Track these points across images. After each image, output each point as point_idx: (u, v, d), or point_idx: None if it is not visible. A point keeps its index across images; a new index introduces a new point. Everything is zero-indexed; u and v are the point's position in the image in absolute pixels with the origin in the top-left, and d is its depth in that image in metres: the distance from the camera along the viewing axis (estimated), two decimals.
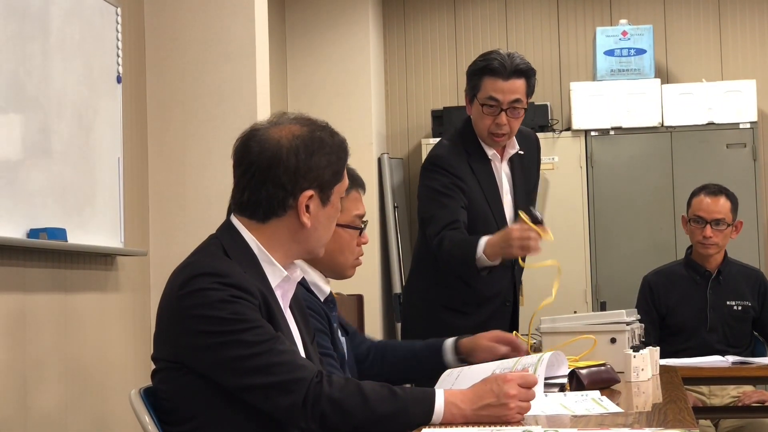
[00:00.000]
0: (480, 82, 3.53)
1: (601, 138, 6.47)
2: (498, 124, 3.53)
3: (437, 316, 3.65)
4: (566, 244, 6.39)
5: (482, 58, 3.56)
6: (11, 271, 3.66)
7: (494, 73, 3.50)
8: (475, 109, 3.57)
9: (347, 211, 2.66)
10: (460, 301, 3.64)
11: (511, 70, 3.49)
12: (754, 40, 6.82)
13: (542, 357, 2.46)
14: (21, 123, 3.70)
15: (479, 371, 2.52)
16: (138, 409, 2.18)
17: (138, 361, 4.46)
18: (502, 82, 3.50)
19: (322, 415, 2.04)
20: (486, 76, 3.51)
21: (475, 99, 3.55)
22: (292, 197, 2.18)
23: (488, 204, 3.60)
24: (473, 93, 3.56)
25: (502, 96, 3.50)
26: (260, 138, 2.19)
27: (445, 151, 3.62)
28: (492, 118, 3.52)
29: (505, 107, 3.51)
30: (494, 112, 3.51)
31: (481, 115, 3.55)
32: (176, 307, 2.11)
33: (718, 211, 4.28)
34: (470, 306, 3.64)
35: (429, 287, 3.68)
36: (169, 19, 4.76)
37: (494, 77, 3.50)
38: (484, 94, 3.52)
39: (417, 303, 3.74)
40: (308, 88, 6.76)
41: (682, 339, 4.32)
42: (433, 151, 3.67)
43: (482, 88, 3.52)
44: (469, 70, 3.60)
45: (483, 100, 3.52)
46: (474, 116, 3.60)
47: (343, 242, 2.67)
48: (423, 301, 3.70)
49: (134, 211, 4.57)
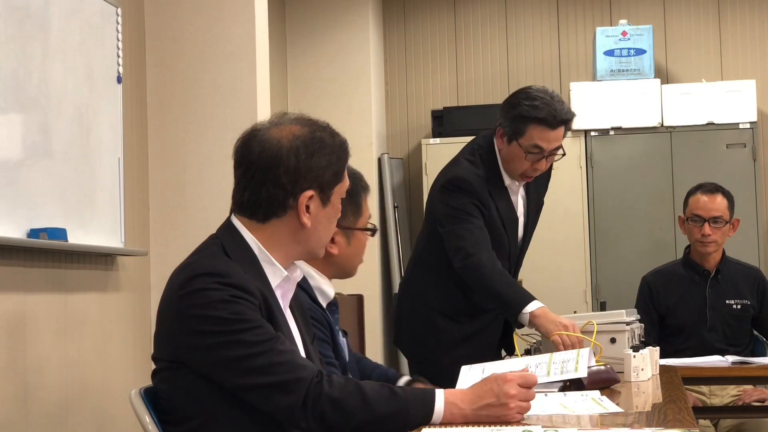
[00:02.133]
0: (525, 128, 3.45)
1: (601, 138, 6.47)
2: (536, 168, 3.53)
3: (432, 320, 3.66)
4: (566, 244, 6.40)
5: (528, 104, 3.46)
6: (11, 271, 3.66)
7: (543, 123, 3.44)
8: (513, 149, 3.50)
9: (365, 214, 2.71)
10: (456, 310, 3.65)
11: (559, 120, 3.46)
12: (754, 40, 6.82)
13: (581, 351, 2.56)
14: (21, 123, 3.70)
15: (509, 366, 2.54)
16: (138, 409, 2.18)
17: (138, 361, 4.47)
18: (551, 132, 3.46)
19: (322, 415, 2.04)
20: (533, 124, 3.45)
21: (515, 142, 3.48)
22: (292, 197, 2.18)
23: (505, 231, 3.59)
24: (515, 136, 3.48)
25: (548, 144, 3.48)
26: (261, 138, 2.19)
27: (467, 173, 3.55)
28: (532, 162, 3.50)
29: (547, 154, 3.51)
30: (536, 158, 3.49)
31: (521, 159, 3.50)
32: (176, 307, 2.11)
33: (716, 208, 4.28)
34: (464, 316, 3.66)
35: (427, 291, 3.69)
36: (169, 19, 4.76)
37: (543, 127, 3.44)
38: (529, 141, 3.46)
39: (413, 305, 3.74)
40: (308, 88, 6.76)
41: (682, 339, 4.32)
42: (455, 172, 3.59)
43: (527, 134, 3.45)
44: (513, 112, 3.49)
45: (528, 148, 3.47)
46: (509, 154, 3.53)
47: (360, 245, 2.73)
48: (419, 304, 3.71)
49: (134, 211, 4.57)
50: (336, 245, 2.64)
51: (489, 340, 3.70)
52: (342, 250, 2.67)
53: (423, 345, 3.70)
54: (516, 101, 3.51)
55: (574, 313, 3.41)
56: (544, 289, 6.42)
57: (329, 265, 2.66)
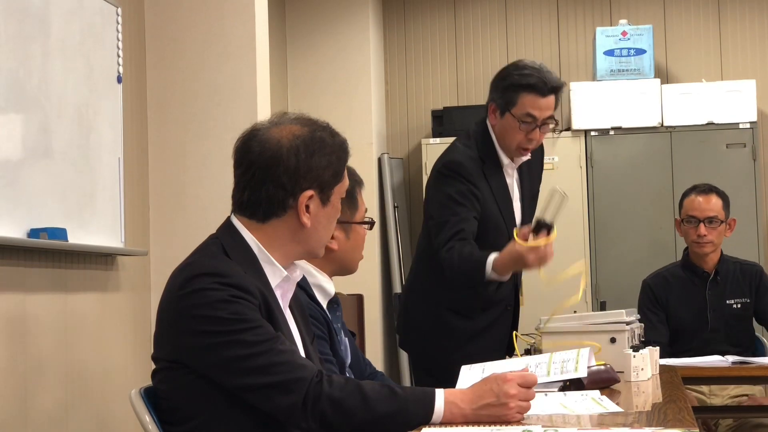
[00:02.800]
0: (516, 98, 3.47)
1: (601, 138, 6.47)
2: (530, 138, 3.53)
3: (441, 318, 3.63)
4: (566, 244, 6.39)
5: (518, 73, 3.50)
6: (11, 271, 3.66)
7: (534, 90, 3.46)
8: (506, 122, 3.52)
9: (361, 208, 2.71)
10: (466, 305, 3.62)
11: (549, 88, 3.48)
12: (754, 40, 6.83)
13: (581, 351, 2.55)
14: (21, 123, 3.70)
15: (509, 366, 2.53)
16: (138, 409, 2.18)
17: (138, 361, 4.46)
18: (542, 99, 3.47)
19: (322, 415, 2.04)
20: (524, 92, 3.47)
21: (507, 113, 3.51)
22: (292, 197, 2.18)
23: (500, 211, 3.58)
24: (507, 107, 3.50)
25: (540, 113, 3.48)
26: (261, 138, 2.20)
27: (461, 157, 3.56)
28: (525, 133, 3.51)
29: (540, 123, 3.51)
30: (530, 127, 3.50)
31: (515, 130, 3.51)
32: (176, 307, 2.11)
33: (711, 209, 4.29)
34: (475, 311, 3.63)
35: (433, 288, 3.64)
36: (169, 19, 4.76)
37: (534, 94, 3.47)
38: (522, 110, 3.48)
39: (419, 304, 3.70)
40: (308, 88, 6.76)
41: (684, 341, 4.32)
42: (449, 156, 3.60)
43: (519, 103, 3.47)
44: (504, 83, 3.52)
45: (521, 117, 3.48)
46: (503, 128, 3.55)
47: (359, 239, 2.73)
48: (426, 302, 3.67)
49: (134, 211, 4.57)
50: (335, 240, 2.64)
51: (500, 335, 3.67)
52: (341, 244, 2.67)
53: (433, 343, 3.65)
54: (506, 73, 3.54)
55: (574, 313, 3.41)
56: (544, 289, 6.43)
57: (329, 261, 2.66)
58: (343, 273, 2.75)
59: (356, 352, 2.87)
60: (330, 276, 2.73)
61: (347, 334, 2.83)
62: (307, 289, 2.60)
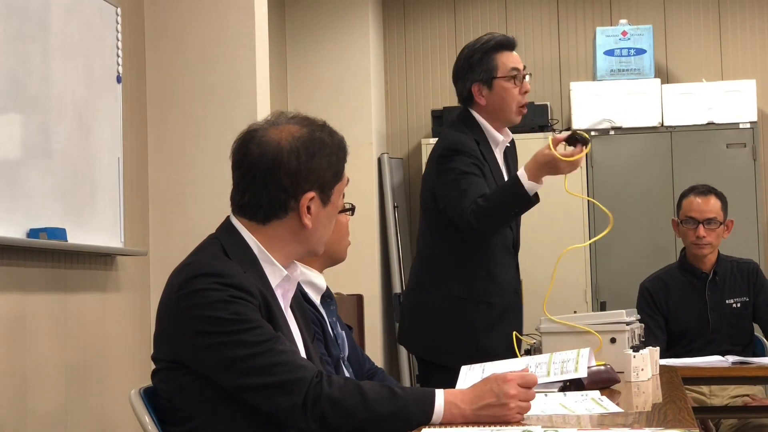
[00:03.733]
0: (494, 61, 3.60)
1: (601, 138, 6.47)
2: (525, 91, 3.63)
3: (456, 308, 3.57)
4: (566, 244, 6.37)
5: (479, 45, 3.64)
6: (11, 271, 3.66)
7: (503, 46, 3.62)
8: (498, 88, 3.61)
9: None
10: (483, 291, 3.58)
11: (511, 41, 3.66)
12: (754, 40, 6.82)
13: (581, 351, 2.55)
14: (21, 123, 3.70)
15: (509, 366, 2.53)
16: (138, 409, 2.18)
17: (138, 361, 4.46)
18: (513, 53, 3.64)
19: (322, 415, 2.04)
20: (497, 52, 3.61)
21: (495, 80, 3.60)
22: (293, 199, 2.18)
23: None
24: (491, 75, 3.60)
25: (519, 64, 3.62)
26: (260, 140, 2.18)
27: (460, 137, 3.61)
28: (518, 87, 3.61)
29: (523, 75, 3.63)
30: (520, 80, 3.61)
31: (510, 90, 3.61)
32: (176, 308, 2.11)
33: (709, 210, 4.29)
34: (491, 294, 3.59)
35: (445, 281, 3.59)
36: (169, 19, 4.76)
37: (505, 50, 3.62)
38: (505, 68, 3.60)
39: (427, 300, 3.63)
40: (308, 88, 6.76)
41: (686, 342, 4.32)
42: (449, 138, 3.64)
43: (500, 64, 3.60)
44: (475, 58, 3.64)
45: (507, 73, 3.60)
46: (497, 97, 3.62)
47: (342, 227, 2.72)
48: (437, 297, 3.60)
49: (134, 211, 4.57)
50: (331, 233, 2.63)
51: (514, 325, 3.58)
52: None
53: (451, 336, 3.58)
54: (468, 54, 3.69)
55: (574, 312, 3.40)
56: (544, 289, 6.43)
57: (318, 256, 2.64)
58: (332, 263, 2.74)
59: (354, 345, 2.87)
60: (321, 270, 2.72)
61: (344, 327, 2.82)
62: (300, 288, 2.59)
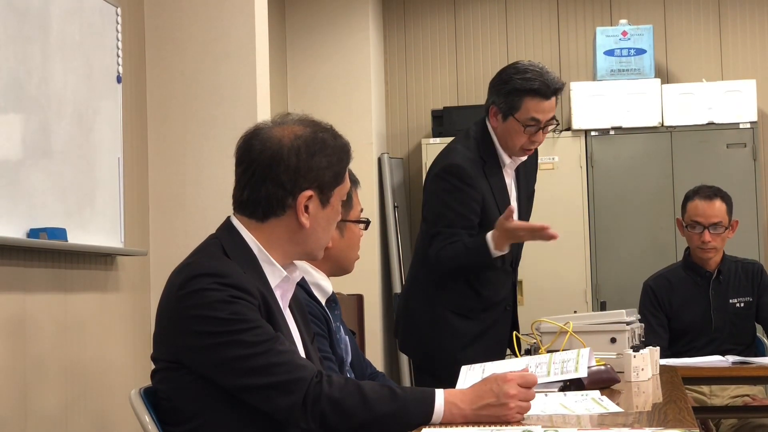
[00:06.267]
0: (521, 102, 3.49)
1: (601, 138, 6.47)
2: (533, 141, 3.56)
3: (442, 319, 3.62)
4: (566, 244, 6.39)
5: (520, 77, 3.51)
6: (11, 271, 3.66)
7: (538, 94, 3.48)
8: (510, 125, 3.53)
9: (356, 207, 2.71)
10: (468, 307, 3.63)
11: (552, 90, 3.50)
12: (754, 40, 6.82)
13: (581, 351, 2.54)
14: (21, 123, 3.70)
15: (509, 366, 2.53)
16: (138, 409, 2.18)
17: (138, 361, 4.46)
18: (545, 102, 3.50)
19: (322, 415, 2.04)
20: (528, 96, 3.49)
21: (511, 117, 3.52)
22: (291, 197, 2.18)
23: (499, 211, 3.56)
24: (510, 111, 3.51)
25: (543, 116, 3.51)
26: (262, 137, 2.20)
27: (460, 159, 3.57)
28: (529, 135, 3.54)
29: (542, 126, 3.53)
30: (534, 130, 3.52)
31: (519, 133, 3.53)
32: (176, 308, 2.11)
33: (715, 215, 4.27)
34: (476, 311, 3.64)
35: (433, 290, 3.64)
36: (169, 19, 4.76)
37: (538, 98, 3.49)
38: (526, 114, 3.50)
39: (420, 306, 3.69)
40: (308, 88, 6.75)
41: (688, 341, 4.32)
42: (448, 159, 3.60)
43: (523, 108, 3.49)
44: (506, 87, 3.52)
45: (525, 121, 3.51)
46: (506, 131, 3.56)
47: (354, 237, 2.74)
48: (427, 304, 3.66)
49: (134, 211, 4.57)
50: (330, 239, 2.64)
51: (500, 336, 3.68)
52: (336, 243, 2.67)
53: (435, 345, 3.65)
54: (507, 77, 3.54)
55: (574, 313, 3.41)
56: (544, 289, 6.44)
57: (325, 260, 2.64)
58: (339, 273, 2.75)
59: (357, 351, 2.87)
60: (327, 275, 2.73)
61: (347, 332, 2.83)
62: (306, 288, 2.60)
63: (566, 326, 3.13)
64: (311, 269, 2.66)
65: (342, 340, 2.74)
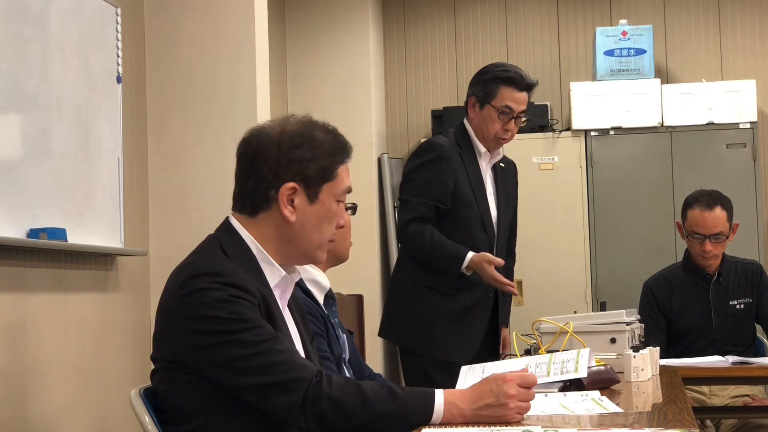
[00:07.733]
0: (497, 90, 3.84)
1: (601, 138, 6.47)
2: (506, 129, 3.86)
3: (421, 296, 3.85)
4: (566, 244, 6.39)
5: (499, 68, 3.88)
6: (11, 271, 3.65)
7: (513, 83, 3.84)
8: (486, 113, 3.86)
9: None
10: (443, 283, 3.83)
11: (526, 84, 3.86)
12: (754, 40, 6.82)
13: (581, 352, 2.56)
14: (21, 123, 3.70)
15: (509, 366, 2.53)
16: (138, 409, 2.18)
17: (138, 361, 4.46)
18: (519, 93, 3.85)
19: (322, 415, 2.04)
20: (504, 85, 3.84)
21: (487, 105, 3.85)
22: (273, 188, 2.19)
23: (473, 191, 3.85)
24: (487, 99, 3.85)
25: (516, 105, 3.85)
26: (256, 134, 2.23)
27: (438, 139, 3.94)
28: (502, 123, 3.85)
29: (515, 115, 3.85)
30: (507, 119, 3.84)
31: (493, 120, 3.85)
32: (176, 307, 2.11)
33: (716, 225, 4.24)
34: (452, 288, 3.83)
35: (415, 267, 3.88)
36: (169, 19, 4.76)
37: (513, 88, 3.84)
38: (501, 102, 3.83)
39: (405, 283, 3.92)
40: (308, 88, 6.75)
41: (688, 342, 4.32)
42: (428, 140, 4.00)
43: (499, 95, 3.83)
44: (485, 77, 3.87)
45: (499, 108, 3.83)
46: (481, 119, 3.88)
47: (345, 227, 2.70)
48: (410, 281, 3.89)
49: (134, 211, 4.57)
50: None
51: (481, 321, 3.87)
52: None
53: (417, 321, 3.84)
54: (487, 69, 3.93)
55: (574, 313, 3.41)
56: (544, 289, 6.44)
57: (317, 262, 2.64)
58: (334, 263, 2.75)
59: (354, 350, 2.87)
60: (324, 269, 2.72)
61: (344, 331, 2.83)
62: (303, 286, 2.60)
63: (566, 326, 3.13)
64: (307, 266, 2.65)
65: (340, 338, 2.74)
